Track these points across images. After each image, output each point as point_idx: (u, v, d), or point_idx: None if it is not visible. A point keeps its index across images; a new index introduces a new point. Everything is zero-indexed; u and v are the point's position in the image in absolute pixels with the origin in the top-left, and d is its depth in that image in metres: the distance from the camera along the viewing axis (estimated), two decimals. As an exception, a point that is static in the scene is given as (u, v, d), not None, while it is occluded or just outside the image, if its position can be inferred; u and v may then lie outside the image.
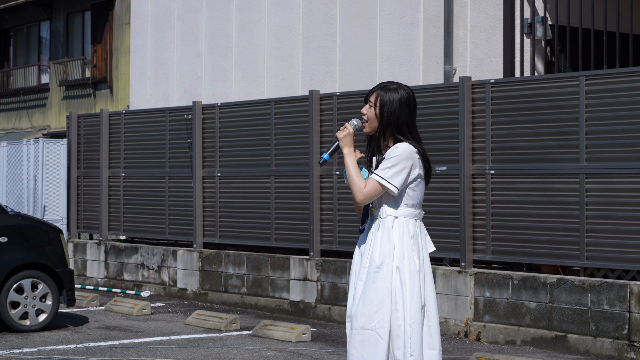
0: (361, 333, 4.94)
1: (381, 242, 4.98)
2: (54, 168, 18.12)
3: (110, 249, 14.73)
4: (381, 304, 4.92)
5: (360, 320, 4.94)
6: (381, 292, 4.93)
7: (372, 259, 4.98)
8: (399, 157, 4.96)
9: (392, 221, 5.01)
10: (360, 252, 5.09)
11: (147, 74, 18.35)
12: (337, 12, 14.73)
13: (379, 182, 4.96)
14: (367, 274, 4.98)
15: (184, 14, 17.56)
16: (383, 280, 4.94)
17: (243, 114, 12.98)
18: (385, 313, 4.92)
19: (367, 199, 4.96)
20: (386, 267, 4.95)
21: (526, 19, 12.50)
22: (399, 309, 4.93)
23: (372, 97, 5.06)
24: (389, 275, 4.95)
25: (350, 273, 5.17)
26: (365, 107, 5.09)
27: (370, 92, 5.10)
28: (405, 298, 4.94)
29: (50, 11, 27.84)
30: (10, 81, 29.65)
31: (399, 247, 4.98)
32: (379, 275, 4.94)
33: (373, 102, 5.06)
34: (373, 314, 4.92)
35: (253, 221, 12.69)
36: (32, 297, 10.39)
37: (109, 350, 9.28)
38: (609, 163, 9.28)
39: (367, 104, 5.09)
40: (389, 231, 5.00)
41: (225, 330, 10.55)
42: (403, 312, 4.93)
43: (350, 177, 5.01)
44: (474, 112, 10.32)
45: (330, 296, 11.47)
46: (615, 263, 9.26)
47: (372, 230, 5.04)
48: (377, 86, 5.10)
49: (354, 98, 11.57)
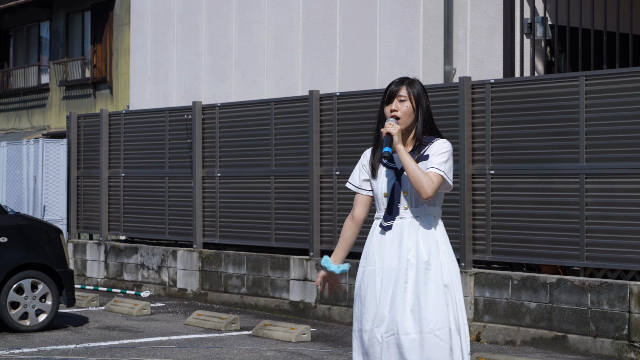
0: (427, 337, 4.73)
1: (425, 242, 4.81)
2: (54, 168, 18.13)
3: (110, 249, 14.72)
4: (439, 305, 4.75)
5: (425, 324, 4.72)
6: (437, 293, 4.76)
7: (420, 259, 4.79)
8: (449, 153, 4.83)
9: (432, 220, 4.86)
10: (380, 251, 4.88)
11: (147, 74, 18.35)
12: (337, 12, 14.73)
13: (442, 176, 4.79)
14: (416, 276, 4.77)
15: (184, 14, 17.56)
16: (435, 281, 4.77)
17: (243, 114, 12.98)
18: (444, 313, 4.76)
19: (434, 194, 4.76)
20: (434, 268, 4.79)
21: (526, 19, 12.49)
22: (452, 308, 4.79)
23: (402, 91, 4.87)
24: (439, 275, 4.79)
25: (365, 275, 4.93)
26: (395, 104, 4.88)
27: (393, 90, 4.89)
28: (455, 296, 4.81)
29: (50, 11, 27.84)
30: (10, 81, 29.65)
31: (443, 247, 4.84)
32: (429, 276, 4.78)
33: (406, 96, 4.88)
34: (437, 316, 4.73)
35: (253, 221, 12.69)
36: (32, 297, 10.39)
37: (109, 351, 9.28)
38: (608, 163, 9.28)
39: (394, 100, 4.88)
40: (432, 230, 4.84)
41: (225, 330, 10.55)
42: (455, 311, 4.79)
43: (414, 171, 4.74)
44: (474, 112, 10.32)
45: (330, 296, 11.46)
46: (615, 263, 9.26)
47: (404, 230, 4.85)
48: (399, 82, 4.92)
49: (354, 98, 11.57)
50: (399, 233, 4.85)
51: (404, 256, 4.81)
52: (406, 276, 4.78)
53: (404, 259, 4.80)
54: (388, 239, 4.88)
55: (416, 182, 4.74)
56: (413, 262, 4.79)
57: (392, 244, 4.85)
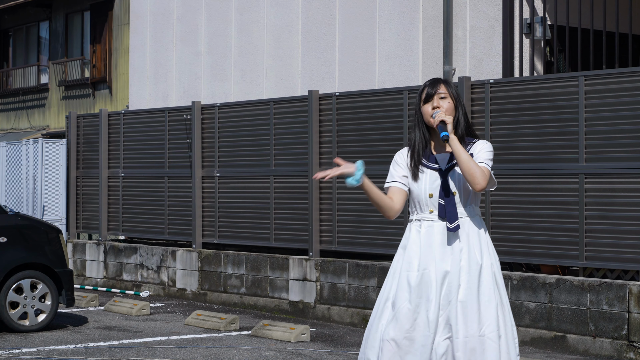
0: (480, 340, 4.65)
1: (477, 243, 4.74)
2: (53, 168, 18.11)
3: (110, 249, 14.72)
4: (491, 307, 4.69)
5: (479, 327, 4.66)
6: (489, 295, 4.69)
7: (472, 261, 4.70)
8: (493, 153, 4.79)
9: (479, 220, 4.81)
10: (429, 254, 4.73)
11: (146, 74, 18.35)
12: (337, 12, 14.73)
13: (491, 173, 4.74)
14: (468, 278, 4.68)
15: (183, 14, 17.56)
16: (487, 283, 4.70)
17: (242, 114, 12.97)
18: (496, 315, 4.69)
19: (486, 186, 4.69)
20: (486, 269, 4.71)
21: (525, 19, 12.49)
22: (501, 310, 4.72)
23: (442, 89, 4.78)
24: (490, 277, 4.72)
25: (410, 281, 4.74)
26: (436, 101, 4.78)
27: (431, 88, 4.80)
28: (502, 297, 4.75)
29: (49, 11, 27.83)
30: (9, 81, 29.64)
31: (491, 247, 4.79)
32: (483, 277, 4.70)
33: (446, 93, 4.80)
34: (489, 318, 4.67)
35: (252, 221, 12.69)
36: (32, 297, 10.38)
37: (108, 351, 9.28)
38: (608, 163, 9.28)
39: (434, 98, 4.78)
40: (481, 230, 4.78)
41: (224, 330, 10.55)
42: (503, 313, 4.72)
43: (468, 162, 4.64)
44: (474, 112, 10.32)
45: (330, 296, 11.47)
46: (615, 263, 9.26)
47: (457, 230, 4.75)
48: (435, 81, 4.84)
49: (354, 98, 11.57)
50: (450, 235, 4.74)
51: (456, 258, 4.71)
52: (459, 279, 4.69)
53: (456, 260, 4.71)
54: (437, 240, 4.75)
55: (471, 172, 4.63)
56: (465, 264, 4.70)
57: (443, 246, 4.74)
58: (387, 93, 11.25)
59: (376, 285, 10.91)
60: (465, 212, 4.77)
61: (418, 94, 4.88)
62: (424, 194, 4.79)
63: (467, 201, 4.78)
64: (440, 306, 4.69)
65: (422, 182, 4.81)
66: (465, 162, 4.64)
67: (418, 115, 4.86)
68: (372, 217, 11.17)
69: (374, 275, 10.97)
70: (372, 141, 11.28)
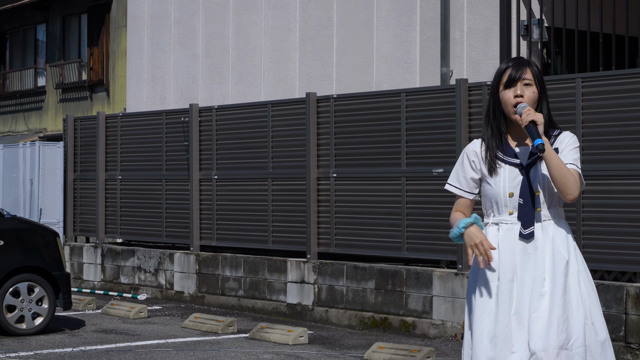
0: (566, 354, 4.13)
1: (564, 248, 4.20)
2: (51, 171, 18.09)
3: (107, 252, 14.71)
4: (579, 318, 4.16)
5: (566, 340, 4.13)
6: (577, 305, 4.17)
7: (558, 268, 4.17)
8: (579, 147, 4.28)
9: (565, 223, 4.27)
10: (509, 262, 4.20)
11: (143, 76, 18.34)
12: (334, 14, 14.73)
13: (580, 174, 4.18)
14: (552, 287, 4.15)
15: (181, 17, 17.56)
16: (574, 292, 4.17)
17: (240, 117, 12.97)
18: (583, 327, 4.17)
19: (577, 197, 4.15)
20: (572, 277, 4.19)
21: (522, 21, 12.50)
22: (590, 320, 4.20)
23: (527, 74, 4.20)
24: (576, 286, 4.19)
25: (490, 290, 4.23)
26: (519, 88, 4.20)
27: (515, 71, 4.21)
28: (593, 308, 4.21)
29: (46, 14, 27.82)
30: (6, 84, 29.63)
31: (578, 252, 4.28)
32: (568, 286, 4.17)
33: (531, 80, 4.22)
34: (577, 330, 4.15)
35: (250, 224, 12.68)
36: (29, 300, 10.37)
37: (106, 354, 9.27)
38: (605, 165, 9.28)
39: (518, 84, 4.20)
40: (568, 234, 4.25)
41: (222, 333, 10.54)
42: (593, 325, 4.20)
43: (561, 169, 4.09)
44: (471, 114, 10.32)
45: (328, 299, 11.46)
46: (612, 265, 9.25)
47: (538, 235, 4.20)
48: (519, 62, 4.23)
49: (351, 100, 11.57)
50: (533, 239, 4.20)
51: (539, 265, 4.17)
52: (542, 288, 4.17)
53: (540, 268, 4.17)
54: (519, 246, 4.21)
55: (563, 181, 4.09)
56: (549, 271, 4.17)
57: (525, 253, 4.20)
58: (384, 95, 11.25)
59: (374, 288, 10.91)
60: (552, 214, 4.23)
61: (496, 74, 4.27)
62: (503, 193, 4.25)
63: (552, 202, 4.23)
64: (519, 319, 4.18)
65: (501, 179, 4.25)
66: (558, 169, 4.10)
67: (495, 101, 4.27)
68: (370, 219, 11.17)
69: (371, 277, 10.97)
70: (370, 143, 11.27)
